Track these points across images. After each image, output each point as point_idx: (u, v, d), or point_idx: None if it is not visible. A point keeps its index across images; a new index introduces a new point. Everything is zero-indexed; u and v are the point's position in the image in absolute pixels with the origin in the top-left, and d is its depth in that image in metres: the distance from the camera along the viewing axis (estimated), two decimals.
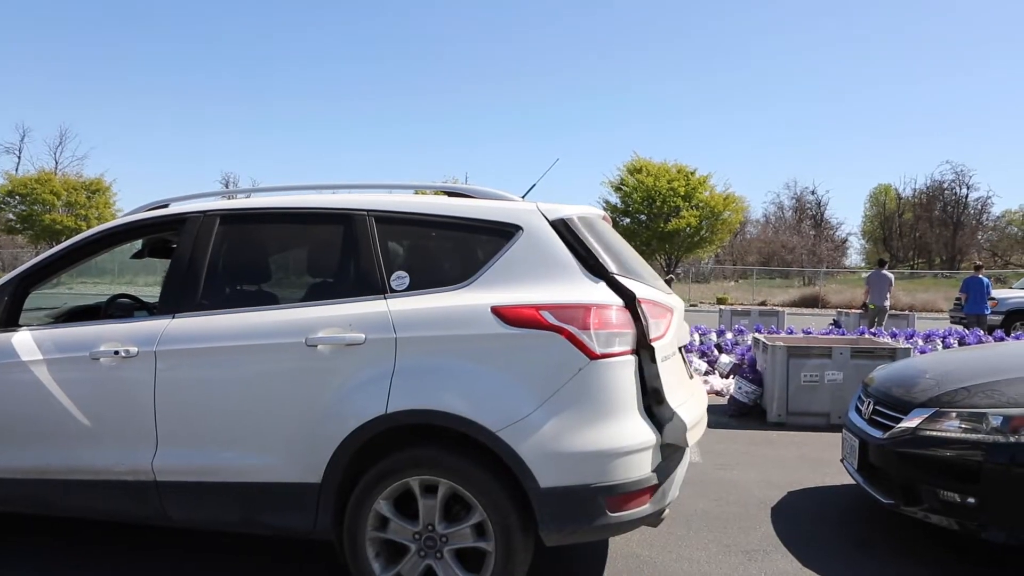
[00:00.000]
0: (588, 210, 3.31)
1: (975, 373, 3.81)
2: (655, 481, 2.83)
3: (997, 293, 16.40)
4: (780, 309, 16.64)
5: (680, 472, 3.16)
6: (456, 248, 3.08)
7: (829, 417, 6.72)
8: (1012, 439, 3.29)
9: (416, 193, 3.51)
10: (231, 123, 79.57)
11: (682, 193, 32.94)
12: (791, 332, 10.58)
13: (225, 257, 3.31)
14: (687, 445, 2.99)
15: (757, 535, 3.96)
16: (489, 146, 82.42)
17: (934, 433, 3.54)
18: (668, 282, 4.88)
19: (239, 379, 3.03)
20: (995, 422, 3.35)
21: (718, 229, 33.13)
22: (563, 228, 3.01)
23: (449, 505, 2.87)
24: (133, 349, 3.12)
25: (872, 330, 11.66)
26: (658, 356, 2.90)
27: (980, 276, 14.54)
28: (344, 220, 3.18)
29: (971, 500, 3.35)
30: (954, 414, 3.51)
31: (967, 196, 53.28)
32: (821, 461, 5.47)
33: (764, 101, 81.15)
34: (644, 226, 33.36)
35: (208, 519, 3.14)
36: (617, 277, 2.93)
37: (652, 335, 2.89)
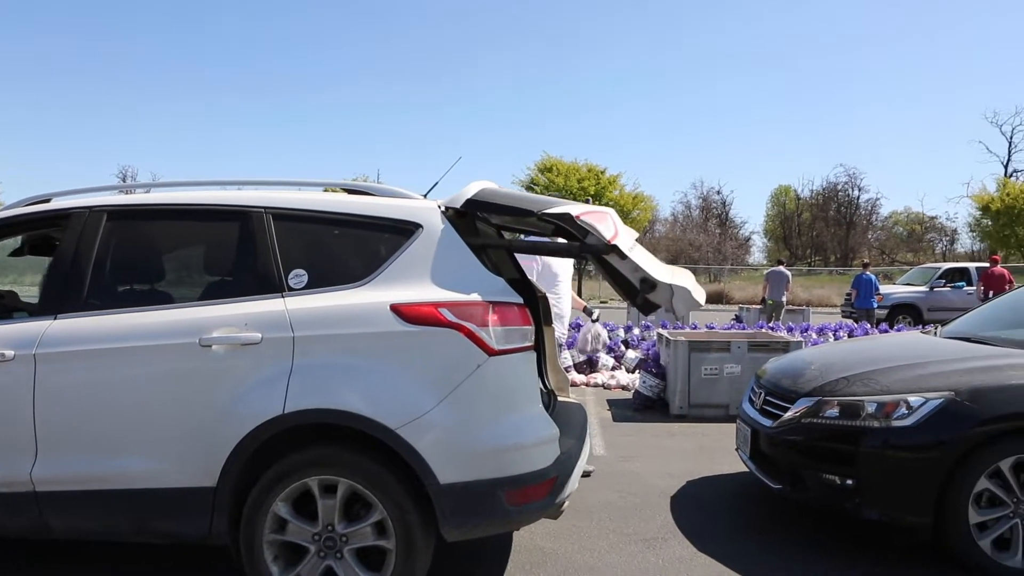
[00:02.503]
0: (480, 188, 3.21)
1: (854, 364, 4.05)
2: (554, 474, 2.89)
3: (883, 289, 17.44)
4: None
5: (579, 464, 3.23)
6: (355, 246, 3.05)
7: (728, 408, 7.00)
8: (885, 424, 3.52)
9: (326, 191, 3.45)
10: (133, 118, 75.68)
11: (592, 192, 33.49)
12: (695, 327, 10.94)
13: (113, 255, 3.17)
14: None
15: (656, 524, 4.10)
16: (397, 145, 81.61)
17: (817, 421, 3.75)
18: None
19: (128, 382, 2.91)
20: (870, 408, 3.58)
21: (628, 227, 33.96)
22: (464, 221, 3.04)
23: (349, 504, 2.85)
24: (9, 353, 2.95)
25: (770, 324, 12.22)
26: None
27: (868, 273, 15.44)
28: (240, 217, 3.10)
29: (849, 482, 3.57)
30: (835, 402, 3.72)
31: (859, 197, 56.40)
32: (719, 451, 5.70)
33: (670, 102, 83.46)
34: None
35: (95, 529, 3.00)
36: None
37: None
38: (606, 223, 3.02)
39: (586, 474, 4.90)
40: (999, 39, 69.92)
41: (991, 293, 14.56)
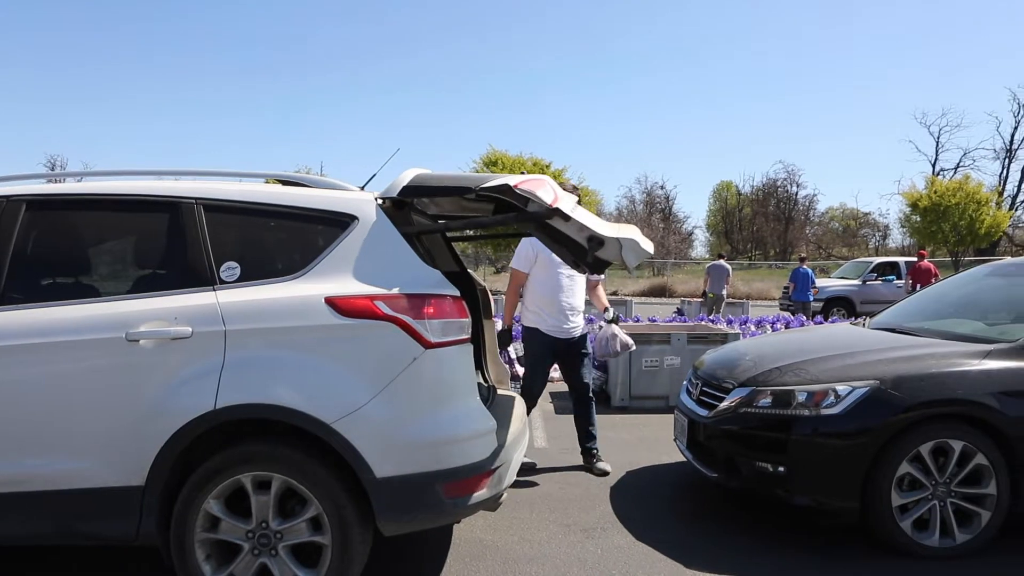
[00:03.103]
0: (414, 174, 3.15)
1: (786, 355, 4.16)
2: (491, 466, 2.90)
3: (819, 283, 17.97)
4: (629, 298, 17.42)
5: (517, 457, 3.25)
6: (290, 238, 3.00)
7: (668, 399, 7.13)
8: (815, 412, 3.63)
9: (268, 182, 3.36)
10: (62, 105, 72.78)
11: None
12: (637, 320, 11.10)
13: (34, 246, 3.05)
14: None
15: (596, 514, 4.15)
16: (342, 137, 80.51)
17: (751, 410, 3.85)
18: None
19: (50, 379, 2.80)
20: (801, 397, 3.69)
21: None
22: (400, 212, 3.01)
23: (283, 500, 2.81)
24: None
25: (711, 317, 12.48)
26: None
27: (805, 268, 15.89)
28: (170, 208, 3.01)
29: (781, 469, 3.67)
30: (768, 392, 3.82)
31: (797, 193, 57.86)
32: (658, 441, 5.79)
33: (616, 97, 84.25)
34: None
35: (14, 533, 2.87)
36: None
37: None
38: (545, 188, 3.02)
39: (530, 467, 4.93)
40: (927, 42, 72.64)
41: (918, 286, 15.13)
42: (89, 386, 2.78)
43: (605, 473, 4.90)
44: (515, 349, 9.24)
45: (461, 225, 3.62)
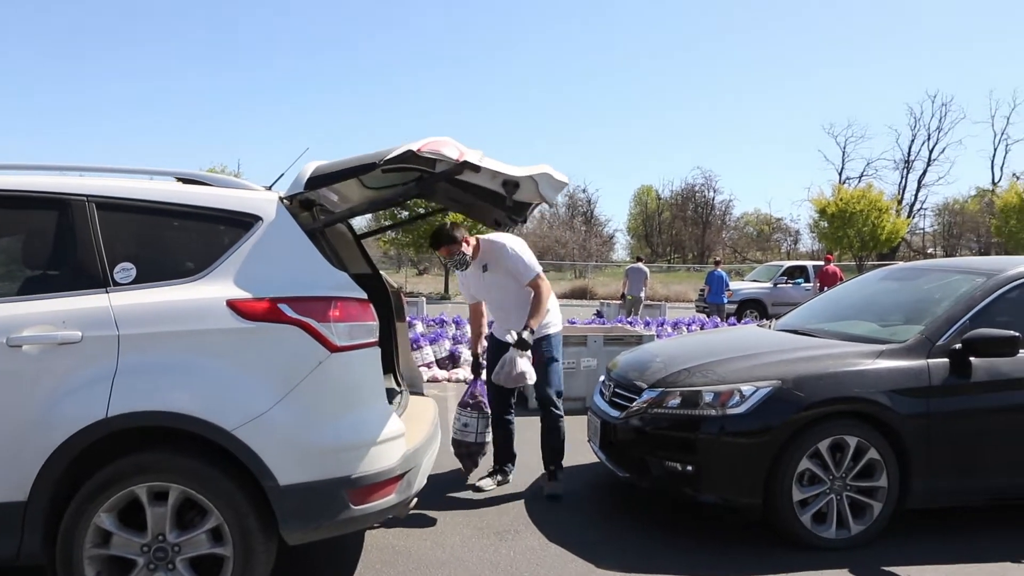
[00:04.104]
0: (315, 166, 3.05)
1: (696, 356, 4.27)
2: (400, 471, 2.86)
3: (733, 285, 18.57)
4: None
5: (428, 460, 3.22)
6: (190, 238, 2.88)
7: (585, 401, 7.19)
8: (721, 412, 3.74)
9: (181, 181, 3.19)
10: None
11: None
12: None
13: None
14: None
15: (510, 517, 4.15)
16: (257, 136, 78.53)
17: (661, 411, 3.92)
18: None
19: None
20: (708, 398, 3.79)
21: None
22: (307, 213, 2.94)
23: (182, 511, 2.70)
24: None
25: (629, 319, 12.71)
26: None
27: (719, 271, 16.40)
28: (60, 205, 2.85)
29: (690, 468, 3.76)
30: (677, 392, 3.91)
31: (714, 199, 59.72)
32: (574, 442, 5.79)
33: (537, 100, 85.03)
34: (423, 220, 33.50)
35: None
36: None
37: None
38: (449, 146, 2.99)
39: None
40: (834, 55, 76.20)
41: (825, 288, 15.82)
42: None
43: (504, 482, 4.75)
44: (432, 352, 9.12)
45: (366, 209, 3.50)
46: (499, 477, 4.75)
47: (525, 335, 4.22)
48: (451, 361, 9.35)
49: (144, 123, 75.37)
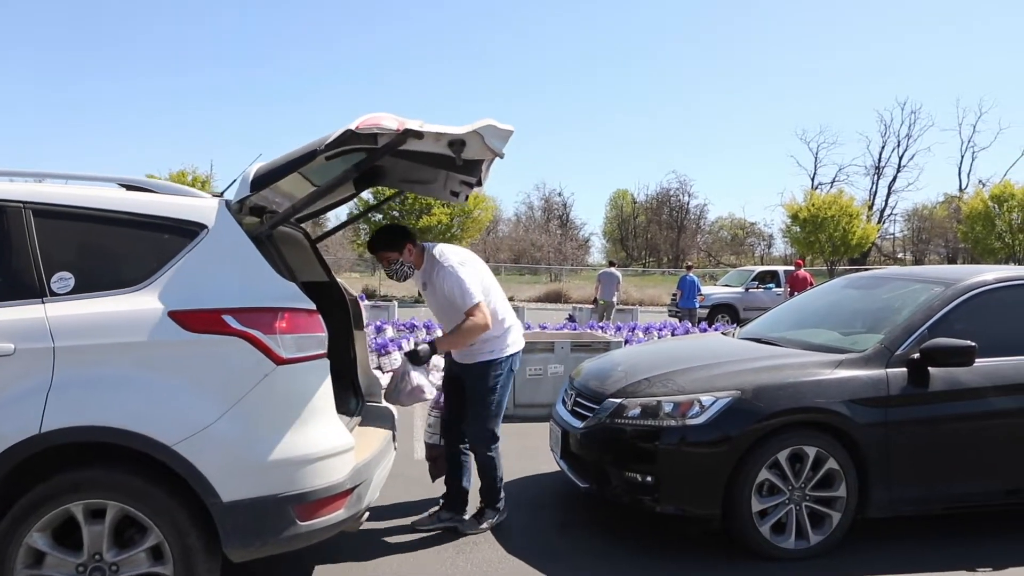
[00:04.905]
0: (256, 167, 2.97)
1: (657, 365, 4.24)
2: (349, 486, 2.79)
3: (705, 290, 18.67)
4: (521, 304, 17.56)
5: (380, 474, 3.15)
6: (131, 247, 2.78)
7: (552, 408, 7.15)
8: (681, 422, 3.71)
9: (124, 187, 3.08)
10: None
11: None
12: (528, 327, 11.15)
13: None
14: None
15: None
16: (231, 138, 77.74)
17: (621, 421, 3.89)
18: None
19: None
20: (668, 408, 3.76)
21: (468, 227, 33.97)
22: (255, 221, 2.86)
23: (120, 530, 2.61)
24: None
25: (600, 324, 12.70)
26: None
27: (692, 275, 16.47)
28: None
29: (649, 479, 3.73)
30: (637, 403, 3.87)
31: (689, 203, 60.18)
32: (539, 451, 5.78)
33: (515, 102, 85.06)
34: (397, 221, 33.41)
35: None
36: None
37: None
38: (387, 119, 2.90)
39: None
40: (807, 62, 77.16)
41: (795, 293, 15.95)
42: None
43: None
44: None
45: (308, 201, 3.33)
46: (436, 522, 4.08)
47: (421, 348, 3.80)
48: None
49: (124, 124, 74.25)
